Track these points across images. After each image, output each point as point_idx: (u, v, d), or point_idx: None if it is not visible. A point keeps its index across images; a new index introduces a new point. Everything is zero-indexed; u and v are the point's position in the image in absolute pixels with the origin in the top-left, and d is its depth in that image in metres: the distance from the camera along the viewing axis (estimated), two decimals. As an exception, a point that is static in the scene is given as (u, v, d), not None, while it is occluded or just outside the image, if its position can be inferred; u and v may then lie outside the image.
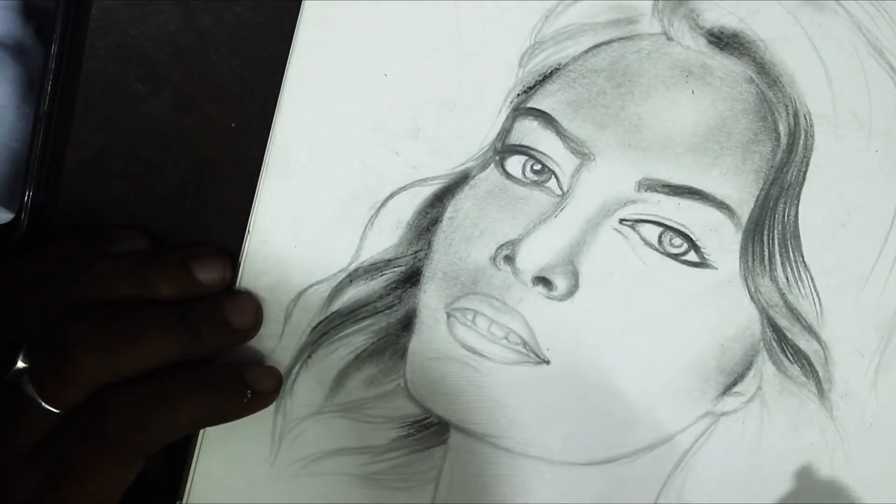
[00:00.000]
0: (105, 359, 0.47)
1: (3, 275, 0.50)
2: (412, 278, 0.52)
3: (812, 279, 0.51)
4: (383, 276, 0.52)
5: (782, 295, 0.51)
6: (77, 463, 0.46)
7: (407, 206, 0.51)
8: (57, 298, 0.48)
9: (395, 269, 0.52)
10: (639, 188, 0.50)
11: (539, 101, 0.50)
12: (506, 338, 0.51)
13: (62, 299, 0.48)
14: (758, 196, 0.50)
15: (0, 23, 0.50)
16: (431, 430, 0.53)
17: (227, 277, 0.51)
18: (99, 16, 0.51)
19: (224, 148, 0.52)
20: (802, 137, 0.50)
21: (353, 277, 0.51)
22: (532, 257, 0.51)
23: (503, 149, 0.50)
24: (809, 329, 0.52)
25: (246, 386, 0.50)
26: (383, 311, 0.52)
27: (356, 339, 0.52)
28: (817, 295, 0.51)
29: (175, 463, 0.54)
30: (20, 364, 0.47)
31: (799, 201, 0.50)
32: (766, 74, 0.49)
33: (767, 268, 0.51)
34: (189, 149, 0.52)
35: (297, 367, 0.52)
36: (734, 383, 0.53)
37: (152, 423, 0.47)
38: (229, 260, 0.51)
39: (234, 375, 0.50)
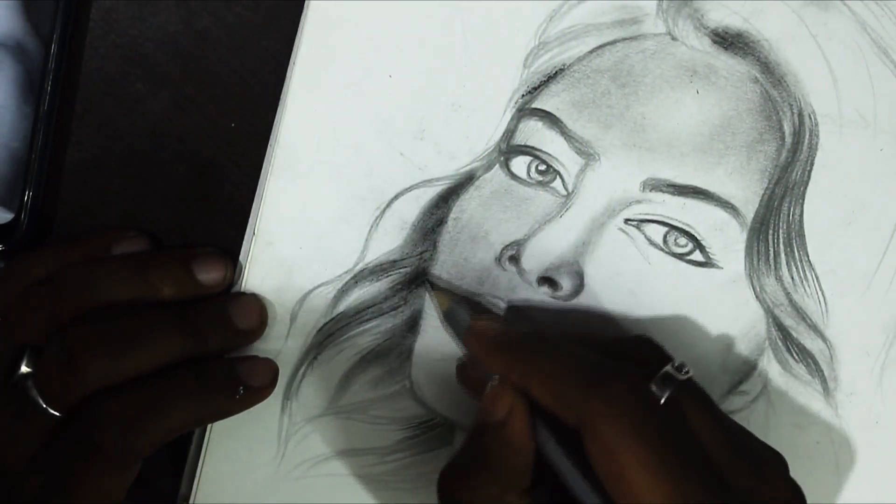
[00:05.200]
0: (109, 363, 0.47)
1: (4, 279, 0.50)
2: (417, 279, 0.52)
3: (817, 278, 0.51)
4: (389, 278, 0.51)
5: (787, 294, 0.52)
6: (72, 470, 0.46)
7: (412, 207, 0.51)
8: (59, 303, 0.48)
9: (401, 271, 0.51)
10: (644, 188, 0.50)
11: (544, 102, 0.50)
12: (511, 338, 0.51)
13: (64, 303, 0.48)
14: (763, 195, 0.50)
15: (0, 23, 0.50)
16: (437, 431, 0.53)
17: (228, 277, 0.51)
18: (99, 16, 0.51)
19: (224, 148, 0.52)
20: (807, 137, 0.50)
21: (358, 279, 0.51)
22: (537, 258, 0.51)
23: (508, 149, 0.50)
24: (815, 328, 0.52)
25: (238, 382, 0.49)
26: (389, 312, 0.52)
27: (362, 341, 0.52)
28: (822, 294, 0.52)
29: (176, 462, 0.54)
30: (24, 369, 0.47)
31: (804, 201, 0.51)
32: (770, 74, 0.49)
33: (773, 267, 0.51)
34: (189, 149, 0.52)
35: (303, 368, 0.52)
36: (739, 382, 0.53)
37: (143, 429, 0.47)
38: (230, 260, 0.51)
39: (225, 372, 0.50)
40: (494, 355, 0.47)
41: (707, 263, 0.51)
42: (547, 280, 0.51)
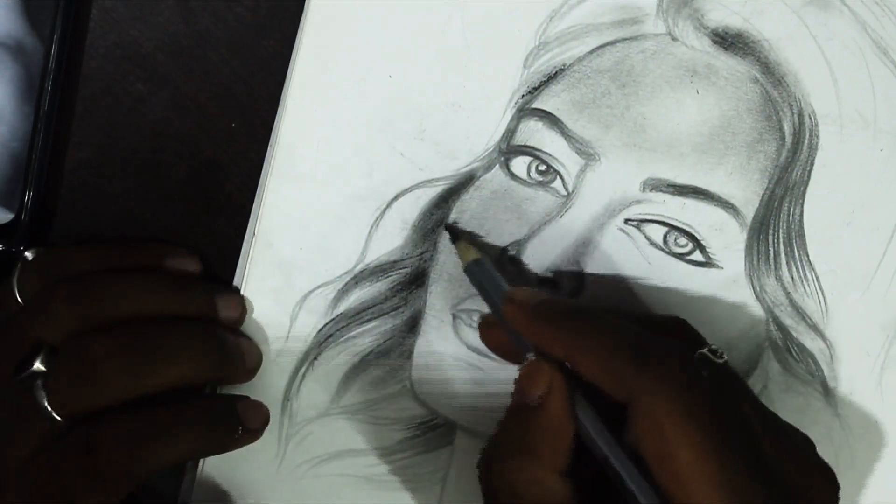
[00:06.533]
0: (130, 380, 0.46)
1: (34, 267, 0.49)
2: (418, 280, 0.52)
3: (817, 278, 0.51)
4: (389, 278, 0.51)
5: (787, 294, 0.52)
6: (66, 487, 0.45)
7: (412, 208, 0.51)
8: (88, 305, 0.47)
9: (401, 271, 0.51)
10: (644, 188, 0.50)
11: (544, 102, 0.50)
12: (511, 339, 0.51)
13: (93, 307, 0.47)
14: (763, 195, 0.50)
15: (0, 23, 0.50)
16: (438, 431, 0.53)
17: (242, 318, 0.51)
18: (99, 16, 0.51)
19: (224, 148, 0.52)
20: (807, 137, 0.50)
21: (358, 279, 0.51)
22: (537, 258, 0.51)
23: (508, 149, 0.50)
24: (815, 328, 0.52)
25: (238, 421, 0.49)
26: (389, 312, 0.52)
27: (362, 341, 0.52)
28: (822, 294, 0.52)
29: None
30: (37, 366, 0.46)
31: (804, 200, 0.51)
32: (770, 74, 0.49)
33: (773, 267, 0.51)
34: (189, 149, 0.52)
35: (303, 369, 0.52)
36: (739, 382, 0.53)
37: (144, 456, 0.46)
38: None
39: (227, 410, 0.49)
40: (537, 326, 0.44)
41: (707, 263, 0.51)
42: (547, 280, 0.51)
